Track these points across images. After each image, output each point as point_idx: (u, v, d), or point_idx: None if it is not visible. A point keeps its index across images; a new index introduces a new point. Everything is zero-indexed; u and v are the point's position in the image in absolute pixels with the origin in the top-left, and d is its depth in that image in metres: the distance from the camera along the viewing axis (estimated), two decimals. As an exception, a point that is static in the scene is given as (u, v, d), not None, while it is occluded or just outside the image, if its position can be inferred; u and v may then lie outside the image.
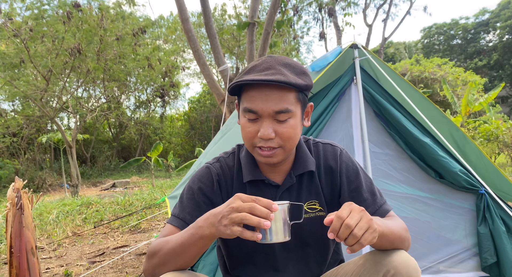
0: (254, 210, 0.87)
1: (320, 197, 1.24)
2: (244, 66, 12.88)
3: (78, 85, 14.02)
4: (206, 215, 0.96)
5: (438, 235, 2.57)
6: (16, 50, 10.04)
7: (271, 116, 1.06)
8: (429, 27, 36.23)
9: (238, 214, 0.87)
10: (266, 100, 1.04)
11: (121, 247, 4.42)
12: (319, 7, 12.87)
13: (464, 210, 2.57)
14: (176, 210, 1.19)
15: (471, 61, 32.30)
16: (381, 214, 1.20)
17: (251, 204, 0.88)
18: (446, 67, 19.31)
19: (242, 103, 1.11)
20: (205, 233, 0.94)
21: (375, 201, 1.22)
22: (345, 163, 1.25)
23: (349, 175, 1.24)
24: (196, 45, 5.94)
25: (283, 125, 1.07)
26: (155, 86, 18.60)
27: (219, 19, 16.52)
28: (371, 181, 1.28)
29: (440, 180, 2.50)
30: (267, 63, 1.09)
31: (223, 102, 5.64)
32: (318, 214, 1.23)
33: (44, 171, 15.12)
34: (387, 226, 1.03)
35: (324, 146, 1.29)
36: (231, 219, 0.88)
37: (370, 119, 2.60)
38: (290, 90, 1.07)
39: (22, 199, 2.08)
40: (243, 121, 1.11)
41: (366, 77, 2.59)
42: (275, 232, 0.92)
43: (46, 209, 6.53)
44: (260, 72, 1.06)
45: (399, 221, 1.15)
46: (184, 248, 0.99)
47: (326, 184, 1.25)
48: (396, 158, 2.59)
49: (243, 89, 1.10)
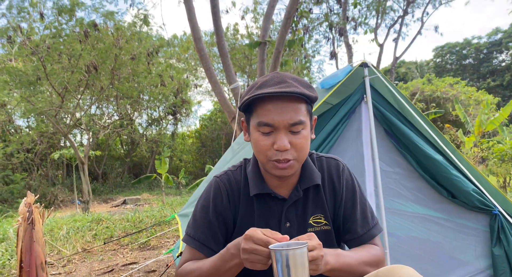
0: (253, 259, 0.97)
1: (325, 211, 1.24)
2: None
3: (91, 102, 14.26)
4: (232, 244, 1.06)
5: (450, 256, 2.52)
6: (33, 67, 10.29)
7: (286, 128, 1.08)
8: (441, 46, 36.27)
9: (250, 257, 0.97)
10: (281, 112, 1.06)
11: (130, 264, 4.41)
12: (329, 27, 13.01)
13: (477, 231, 2.52)
14: (191, 230, 1.24)
15: (484, 81, 32.11)
16: (368, 237, 1.24)
17: (251, 253, 0.97)
18: (459, 87, 19.21)
19: (254, 118, 1.12)
20: (236, 263, 1.04)
21: (364, 225, 1.24)
22: (346, 180, 1.27)
23: (348, 192, 1.26)
24: (208, 63, 6.03)
25: (297, 136, 1.09)
26: (167, 104, 18.81)
27: (231, 38, 16.77)
28: (366, 201, 1.29)
29: (453, 199, 2.46)
30: (277, 77, 1.12)
31: (234, 119, 5.68)
32: (324, 228, 1.23)
33: (56, 187, 15.25)
34: (342, 262, 1.07)
35: (328, 160, 1.30)
36: (245, 259, 0.98)
37: (380, 137, 2.59)
38: (302, 102, 1.10)
39: (34, 214, 2.10)
40: (256, 136, 1.12)
41: (376, 95, 2.59)
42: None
43: (57, 225, 6.56)
44: (274, 86, 1.08)
45: (366, 253, 1.17)
46: (219, 272, 1.09)
47: (330, 198, 1.26)
48: (407, 177, 2.56)
49: (256, 104, 1.11)
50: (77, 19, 10.52)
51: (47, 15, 10.47)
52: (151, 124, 21.60)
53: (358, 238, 1.23)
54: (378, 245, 1.25)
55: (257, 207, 1.22)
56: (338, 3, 14.17)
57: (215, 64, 16.77)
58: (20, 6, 10.01)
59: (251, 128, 1.15)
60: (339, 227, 1.26)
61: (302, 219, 1.21)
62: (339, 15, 14.63)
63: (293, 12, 5.56)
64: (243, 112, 1.21)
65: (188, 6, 5.93)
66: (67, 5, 10.14)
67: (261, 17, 15.84)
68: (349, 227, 1.24)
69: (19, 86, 10.53)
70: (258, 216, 1.21)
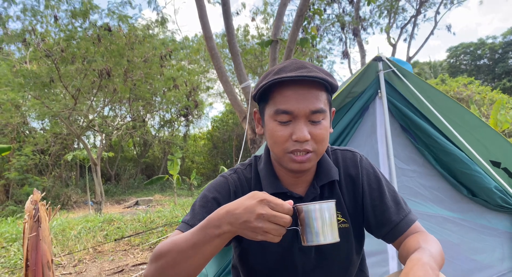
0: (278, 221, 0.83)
1: (343, 208, 1.15)
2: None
3: (104, 104, 14.36)
4: (221, 213, 0.87)
5: (470, 258, 2.41)
6: (47, 69, 10.40)
7: (306, 116, 1.00)
8: (456, 46, 35.74)
9: (265, 226, 0.82)
10: (302, 99, 0.98)
11: (140, 264, 4.37)
12: (341, 26, 12.90)
13: (498, 232, 2.40)
14: (187, 217, 1.11)
15: (500, 81, 31.51)
16: (407, 224, 1.11)
17: (267, 220, 0.83)
18: (473, 87, 18.85)
19: (271, 106, 1.03)
20: (224, 231, 0.86)
21: (399, 211, 1.13)
22: (366, 170, 1.17)
23: (371, 182, 1.16)
24: (219, 62, 5.99)
25: (318, 127, 1.01)
26: (180, 106, 18.87)
27: (242, 40, 16.76)
28: (394, 189, 1.19)
29: (473, 198, 2.35)
30: (296, 63, 1.04)
31: (245, 119, 5.62)
32: (341, 226, 1.14)
33: (69, 188, 15.39)
34: (438, 264, 0.92)
35: (343, 153, 1.22)
36: (258, 228, 0.83)
37: (396, 134, 2.49)
38: (322, 90, 1.02)
39: (40, 212, 2.06)
40: (272, 126, 1.03)
41: (391, 90, 2.49)
42: (319, 233, 0.87)
43: (69, 225, 6.59)
44: (294, 71, 1.00)
45: (436, 245, 1.02)
46: (196, 248, 0.89)
47: (348, 194, 1.17)
48: (424, 175, 2.46)
49: (273, 90, 1.03)
50: (91, 21, 10.60)
51: (61, 17, 10.56)
52: (163, 125, 21.72)
53: (396, 227, 1.10)
54: (423, 230, 1.11)
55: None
56: (350, 4, 14.06)
57: (226, 66, 16.78)
58: (34, 9, 10.11)
59: (266, 118, 1.06)
60: (369, 223, 1.15)
61: None
62: (350, 15, 14.50)
63: (305, 10, 5.47)
64: (257, 102, 1.13)
65: (199, 4, 5.90)
66: (81, 8, 10.22)
67: (271, 18, 15.80)
68: (382, 218, 1.12)
69: (33, 89, 10.64)
70: None
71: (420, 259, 0.86)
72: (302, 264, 1.14)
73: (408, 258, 0.90)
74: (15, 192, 13.33)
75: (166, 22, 11.10)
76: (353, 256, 1.18)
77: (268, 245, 1.12)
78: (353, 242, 1.17)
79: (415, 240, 1.03)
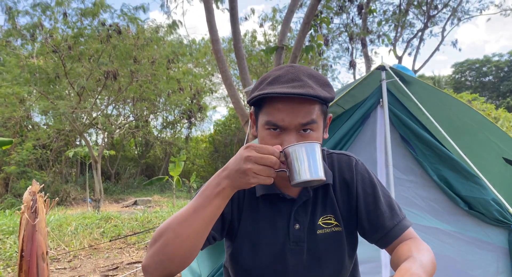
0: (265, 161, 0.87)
1: (336, 212, 1.16)
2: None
3: (108, 103, 14.42)
4: (218, 173, 0.93)
5: (464, 272, 2.40)
6: (54, 65, 10.46)
7: (297, 129, 1.01)
8: (461, 62, 35.74)
9: (253, 167, 0.87)
10: (292, 112, 1.00)
11: (135, 262, 4.37)
12: (349, 37, 12.94)
13: (494, 247, 2.39)
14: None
15: (504, 99, 31.47)
16: (400, 230, 1.11)
17: (255, 163, 0.87)
18: (477, 103, 18.83)
19: (263, 115, 1.05)
20: (223, 186, 0.91)
21: (393, 216, 1.13)
22: (361, 174, 1.18)
23: (365, 187, 1.16)
24: (225, 65, 6.02)
25: (308, 136, 1.02)
26: (183, 108, 18.92)
27: (249, 45, 16.83)
28: (389, 194, 1.19)
29: (469, 211, 2.34)
30: (291, 73, 1.04)
31: (247, 123, 5.64)
32: (334, 229, 1.15)
33: (69, 185, 15.42)
34: (429, 274, 0.92)
35: (339, 156, 1.22)
36: (248, 170, 0.87)
37: (395, 143, 2.50)
38: (315, 103, 1.02)
39: (38, 203, 2.07)
40: (264, 134, 1.05)
41: (393, 100, 2.51)
42: (305, 170, 0.90)
43: (67, 221, 6.59)
44: (286, 84, 1.01)
45: (427, 254, 1.01)
46: (197, 213, 0.93)
47: (341, 198, 1.17)
48: (422, 185, 2.46)
49: (265, 100, 1.04)
50: (100, 20, 10.68)
51: (71, 14, 10.65)
52: (166, 126, 21.77)
53: (389, 232, 1.10)
54: (416, 237, 1.11)
55: (263, 208, 1.15)
56: (359, 15, 14.11)
57: (231, 70, 16.85)
58: (44, 5, 10.19)
59: (259, 125, 1.08)
60: (363, 227, 1.16)
61: (311, 220, 1.14)
62: (357, 26, 14.55)
63: (311, 18, 5.51)
64: (251, 106, 1.15)
65: (207, 6, 5.94)
66: (91, 8, 10.31)
67: (279, 25, 15.89)
68: (376, 223, 1.13)
69: (39, 84, 10.69)
70: (265, 217, 1.15)
71: (409, 270, 0.86)
72: (294, 265, 1.14)
73: (398, 266, 0.91)
74: (14, 185, 13.37)
75: (177, 27, 11.18)
76: (346, 260, 1.18)
77: (260, 244, 1.13)
78: (345, 246, 1.17)
79: (406, 248, 1.03)
